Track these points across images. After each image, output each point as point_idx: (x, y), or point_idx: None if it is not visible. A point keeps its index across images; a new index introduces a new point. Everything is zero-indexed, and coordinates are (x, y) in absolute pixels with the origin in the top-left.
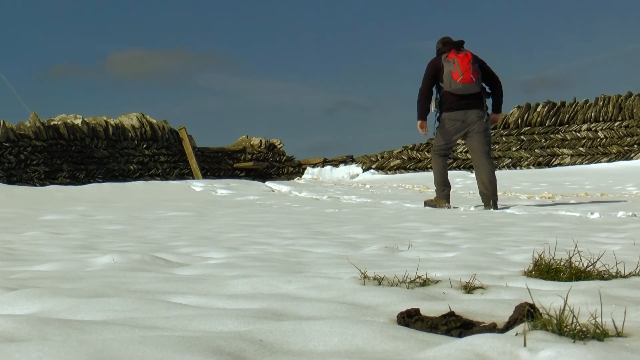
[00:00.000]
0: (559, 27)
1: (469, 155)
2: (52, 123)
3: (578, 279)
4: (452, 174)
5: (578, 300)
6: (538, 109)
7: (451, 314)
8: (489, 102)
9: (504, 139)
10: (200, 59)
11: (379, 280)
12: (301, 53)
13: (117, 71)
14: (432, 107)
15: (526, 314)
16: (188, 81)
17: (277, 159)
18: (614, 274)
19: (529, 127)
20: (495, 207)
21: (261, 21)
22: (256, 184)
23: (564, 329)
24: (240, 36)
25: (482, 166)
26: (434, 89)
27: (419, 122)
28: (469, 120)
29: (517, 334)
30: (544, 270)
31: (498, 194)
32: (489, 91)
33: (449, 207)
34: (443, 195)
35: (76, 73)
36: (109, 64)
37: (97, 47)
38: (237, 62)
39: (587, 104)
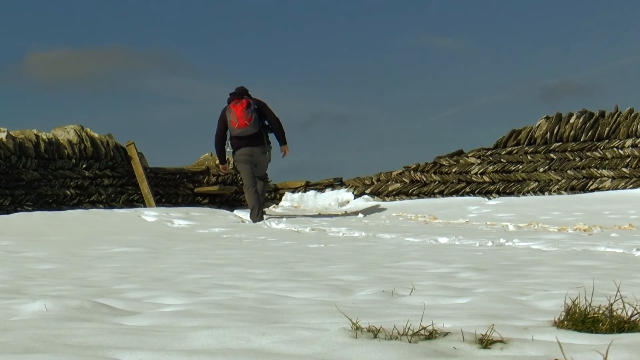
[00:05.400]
0: (586, 23)
1: (485, 178)
2: None
3: (620, 330)
4: (465, 201)
5: (620, 356)
6: (571, 121)
7: None
8: (273, 136)
9: (529, 157)
10: (140, 60)
11: (375, 333)
12: (269, 52)
13: (38, 75)
14: (227, 148)
15: None
16: (131, 86)
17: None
18: None
19: (560, 143)
20: (261, 219)
21: (215, 14)
22: (222, 212)
23: None
24: (188, 32)
25: (258, 185)
26: (228, 133)
27: (221, 166)
28: (254, 155)
29: None
30: (579, 320)
31: (522, 225)
32: (271, 127)
33: (262, 219)
34: (258, 216)
35: None
36: (26, 66)
37: (9, 46)
38: (187, 63)
39: (632, 114)
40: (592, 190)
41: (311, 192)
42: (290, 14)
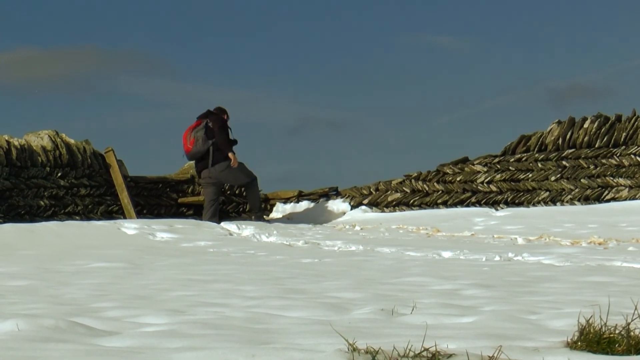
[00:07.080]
0: (596, 22)
1: (492, 187)
2: None
3: (638, 352)
4: (470, 212)
5: None
6: (585, 125)
7: None
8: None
9: (539, 164)
10: (116, 60)
11: (373, 354)
12: (254, 51)
13: (6, 76)
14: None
15: None
16: (107, 88)
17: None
18: None
19: (573, 150)
20: (259, 219)
21: (196, 12)
22: (208, 225)
23: None
24: (167, 31)
25: (248, 190)
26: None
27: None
28: (213, 176)
29: None
30: (593, 340)
31: (532, 238)
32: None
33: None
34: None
35: None
36: None
37: None
38: (168, 64)
39: None
40: (608, 201)
41: (304, 202)
42: (278, 9)
